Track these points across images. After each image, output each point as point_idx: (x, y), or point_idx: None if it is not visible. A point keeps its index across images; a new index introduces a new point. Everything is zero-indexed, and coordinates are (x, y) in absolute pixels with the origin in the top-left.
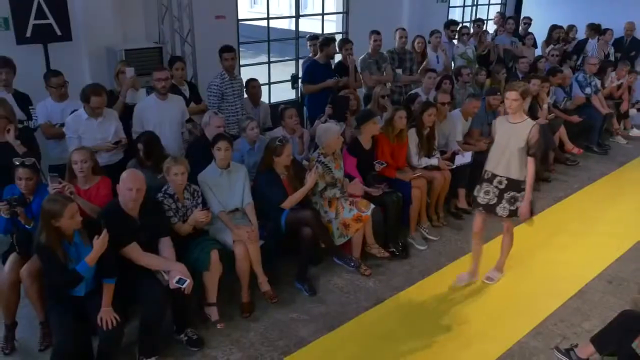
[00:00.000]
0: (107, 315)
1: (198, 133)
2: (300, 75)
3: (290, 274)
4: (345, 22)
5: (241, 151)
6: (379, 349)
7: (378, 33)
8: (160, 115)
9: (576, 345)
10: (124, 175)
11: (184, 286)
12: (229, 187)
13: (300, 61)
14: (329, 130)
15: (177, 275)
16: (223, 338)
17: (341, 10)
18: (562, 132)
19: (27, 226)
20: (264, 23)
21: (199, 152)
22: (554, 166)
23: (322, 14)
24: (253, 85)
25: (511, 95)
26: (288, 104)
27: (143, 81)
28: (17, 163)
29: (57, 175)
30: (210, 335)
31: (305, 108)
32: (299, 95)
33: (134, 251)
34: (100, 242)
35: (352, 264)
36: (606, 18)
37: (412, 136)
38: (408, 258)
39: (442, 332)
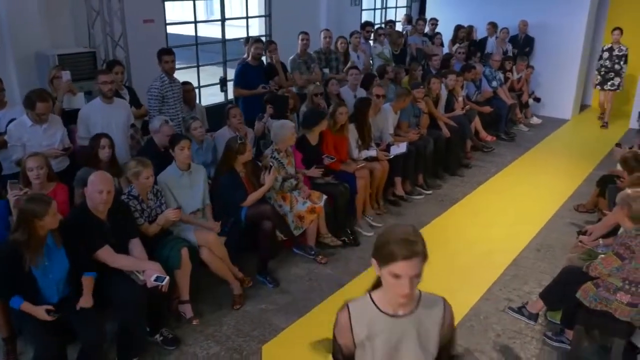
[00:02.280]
0: (86, 304)
1: (139, 138)
2: (229, 78)
3: (250, 269)
4: (268, 25)
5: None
6: None
7: (306, 33)
8: (107, 119)
9: (526, 303)
10: (92, 178)
11: (163, 283)
12: (189, 188)
13: (228, 64)
14: (285, 127)
15: (153, 274)
16: (197, 334)
17: (263, 14)
18: (477, 122)
19: None
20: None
21: (150, 157)
22: (472, 154)
23: (247, 17)
24: (187, 89)
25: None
26: (220, 106)
27: (77, 86)
28: None
29: (17, 181)
30: (184, 333)
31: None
32: (227, 98)
33: (108, 254)
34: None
35: (312, 252)
36: (502, 18)
37: (352, 131)
38: (359, 245)
39: None
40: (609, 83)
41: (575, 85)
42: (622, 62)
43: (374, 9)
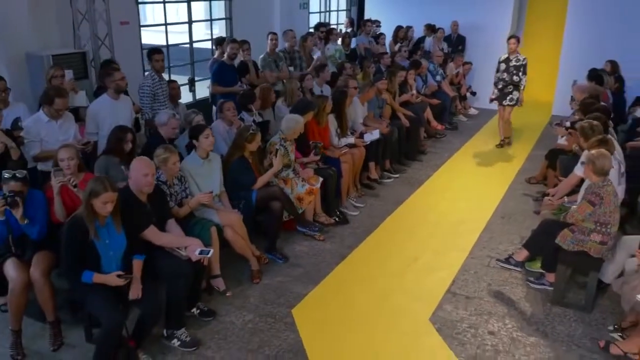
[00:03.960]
0: (135, 290)
1: None
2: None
3: (258, 248)
4: (230, 27)
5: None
6: (360, 290)
7: (275, 34)
8: (115, 115)
9: (512, 254)
10: (136, 163)
11: (209, 255)
12: (208, 175)
13: (196, 64)
14: (298, 121)
15: (197, 248)
16: (229, 306)
17: (225, 17)
18: (428, 112)
19: (21, 224)
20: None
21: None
22: (425, 141)
23: (210, 20)
24: (174, 87)
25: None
26: (193, 105)
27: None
28: (8, 175)
29: (61, 169)
30: (216, 306)
31: (214, 107)
32: (195, 97)
33: (154, 233)
34: (112, 279)
35: (316, 228)
36: (437, 18)
37: (331, 121)
38: (348, 223)
39: (402, 268)
40: (507, 98)
41: None
42: (520, 74)
43: (319, 12)
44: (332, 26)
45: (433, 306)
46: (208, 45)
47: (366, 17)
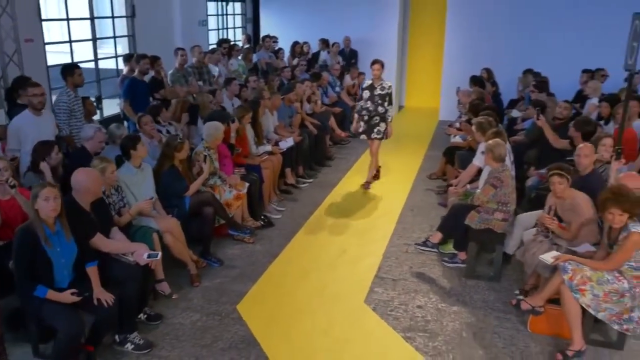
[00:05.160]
0: (103, 296)
1: None
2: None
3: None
4: (133, 44)
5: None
6: (298, 284)
7: (183, 49)
8: (38, 130)
9: (428, 238)
10: (80, 175)
11: (157, 258)
12: (143, 184)
13: (102, 82)
14: (218, 128)
15: (144, 252)
16: (174, 309)
17: (127, 34)
18: (332, 121)
19: None
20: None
21: (82, 163)
22: (332, 148)
23: (114, 37)
24: (89, 103)
25: None
26: (102, 123)
27: None
28: None
29: None
30: (162, 309)
31: (127, 123)
32: (102, 115)
33: (101, 240)
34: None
35: (247, 230)
36: (330, 34)
37: (249, 130)
38: (274, 225)
39: (332, 261)
40: (375, 130)
41: (394, 89)
42: (385, 104)
43: (217, 29)
44: (233, 42)
45: (365, 290)
46: (103, 64)
47: (262, 33)
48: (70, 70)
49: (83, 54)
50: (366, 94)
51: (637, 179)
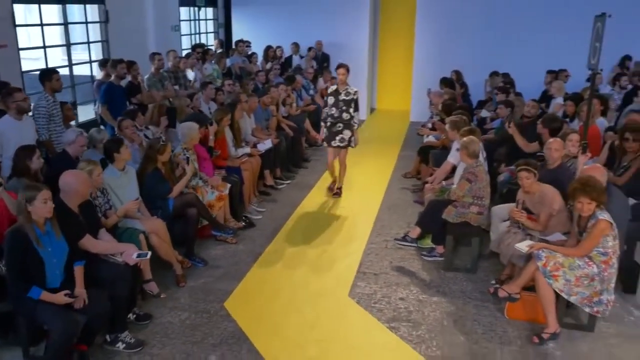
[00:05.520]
0: (82, 295)
1: None
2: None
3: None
4: (107, 50)
5: None
6: (282, 281)
7: (159, 54)
8: (20, 135)
9: (407, 233)
10: (69, 177)
11: (147, 257)
12: (127, 186)
13: (77, 87)
14: (192, 128)
15: (133, 252)
16: (162, 308)
17: (101, 39)
18: (307, 123)
19: None
20: None
21: (64, 167)
22: (307, 150)
23: (88, 42)
24: (68, 108)
25: None
26: (87, 126)
27: None
28: None
29: None
30: (150, 309)
31: (104, 127)
32: (77, 120)
33: (90, 241)
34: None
35: (231, 231)
36: (302, 38)
37: (228, 133)
38: (255, 226)
39: (314, 259)
40: (337, 138)
41: (366, 92)
42: (351, 110)
43: (190, 34)
44: (207, 47)
45: (349, 285)
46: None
47: (234, 38)
48: (48, 75)
49: (53, 60)
50: (330, 99)
51: (602, 171)
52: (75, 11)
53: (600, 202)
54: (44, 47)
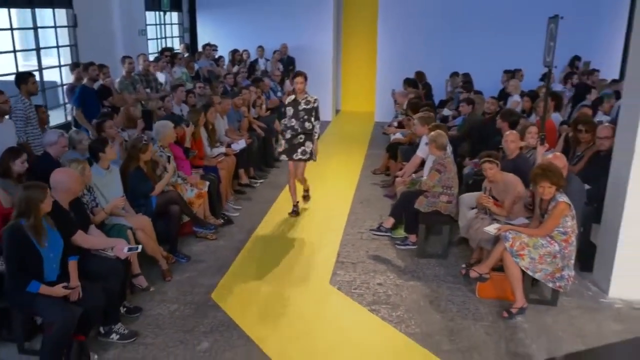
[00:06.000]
0: (77, 288)
1: None
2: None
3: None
4: (76, 54)
5: None
6: (265, 272)
7: (130, 57)
8: (0, 137)
9: (382, 223)
10: (62, 175)
11: (138, 251)
12: (111, 184)
13: (47, 91)
14: (166, 126)
15: (124, 246)
16: (151, 302)
17: (70, 43)
18: (277, 124)
19: None
20: None
21: (49, 167)
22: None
23: (57, 47)
24: (42, 111)
25: None
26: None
27: None
28: None
29: None
30: (139, 303)
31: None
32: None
33: (82, 236)
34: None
35: (212, 227)
36: (266, 41)
37: (203, 133)
38: (233, 223)
39: (295, 251)
40: (299, 150)
41: (331, 94)
42: (312, 119)
43: (156, 39)
44: (175, 51)
45: (329, 274)
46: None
47: (199, 42)
48: (24, 78)
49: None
50: (289, 110)
51: (563, 159)
52: (44, 15)
53: (559, 186)
54: (14, 51)
